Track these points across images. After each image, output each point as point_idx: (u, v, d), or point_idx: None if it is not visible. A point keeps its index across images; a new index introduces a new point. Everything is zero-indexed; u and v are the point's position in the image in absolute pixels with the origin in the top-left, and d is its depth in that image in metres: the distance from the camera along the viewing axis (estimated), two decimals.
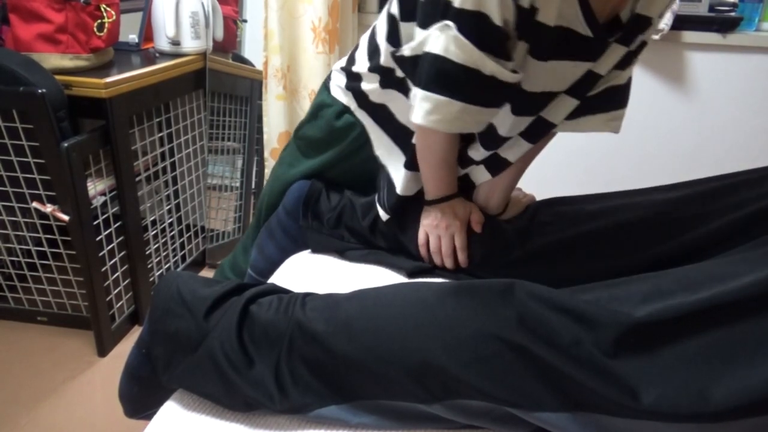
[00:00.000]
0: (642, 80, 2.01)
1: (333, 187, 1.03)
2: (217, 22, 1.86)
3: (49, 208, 1.42)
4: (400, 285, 0.73)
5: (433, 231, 0.90)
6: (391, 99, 0.92)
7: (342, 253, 1.00)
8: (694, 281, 0.58)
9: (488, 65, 0.71)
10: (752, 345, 0.52)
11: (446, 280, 0.81)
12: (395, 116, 0.93)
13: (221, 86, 1.91)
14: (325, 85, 1.02)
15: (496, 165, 0.92)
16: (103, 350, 1.58)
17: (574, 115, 0.85)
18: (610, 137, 2.14)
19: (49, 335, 1.65)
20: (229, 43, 2.03)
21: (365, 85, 0.94)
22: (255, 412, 0.68)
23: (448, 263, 0.91)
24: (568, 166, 2.18)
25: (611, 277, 0.65)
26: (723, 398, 0.50)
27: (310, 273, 0.96)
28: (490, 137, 0.86)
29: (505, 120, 0.83)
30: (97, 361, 1.56)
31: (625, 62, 0.82)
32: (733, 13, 1.90)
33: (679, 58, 1.99)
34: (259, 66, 2.19)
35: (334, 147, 1.01)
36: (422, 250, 0.93)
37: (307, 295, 0.72)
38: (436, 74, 0.73)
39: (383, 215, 0.95)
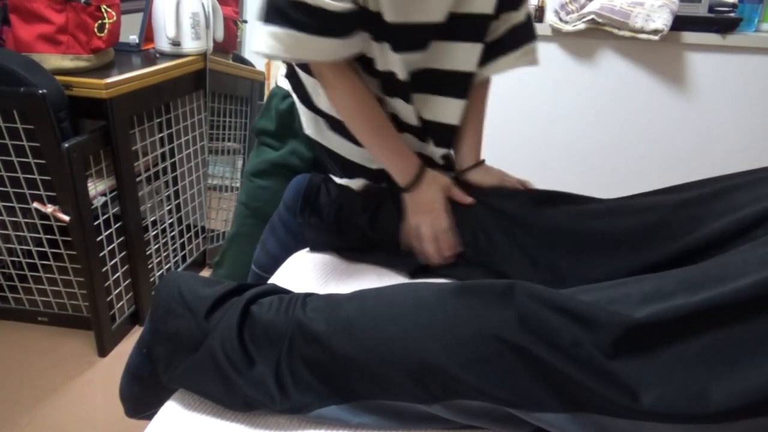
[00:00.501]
0: (642, 80, 2.02)
1: (333, 180, 1.03)
2: (218, 22, 1.86)
3: (49, 209, 1.43)
4: (401, 285, 0.73)
5: (417, 242, 0.92)
6: (305, 78, 0.99)
7: (341, 251, 1.00)
8: (695, 282, 0.57)
9: None
10: (752, 346, 0.52)
11: (447, 281, 0.81)
12: (310, 96, 0.99)
13: (221, 87, 1.91)
14: (276, 81, 1.12)
15: (441, 133, 0.97)
16: (103, 350, 1.58)
17: (488, 59, 0.97)
18: (608, 137, 2.14)
19: (50, 335, 1.65)
20: (229, 44, 2.03)
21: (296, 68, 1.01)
22: (255, 412, 0.68)
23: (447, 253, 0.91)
24: (568, 165, 2.18)
25: (612, 278, 0.65)
26: (723, 399, 0.50)
27: (311, 273, 0.96)
28: (392, 83, 0.90)
29: (392, 60, 0.87)
30: (97, 362, 1.56)
31: (514, 3, 0.94)
32: (732, 14, 1.91)
33: (679, 58, 1.99)
34: (259, 67, 2.20)
35: (290, 136, 1.08)
36: (414, 251, 0.93)
37: (307, 296, 0.72)
38: (271, 10, 0.81)
39: (355, 185, 0.99)
